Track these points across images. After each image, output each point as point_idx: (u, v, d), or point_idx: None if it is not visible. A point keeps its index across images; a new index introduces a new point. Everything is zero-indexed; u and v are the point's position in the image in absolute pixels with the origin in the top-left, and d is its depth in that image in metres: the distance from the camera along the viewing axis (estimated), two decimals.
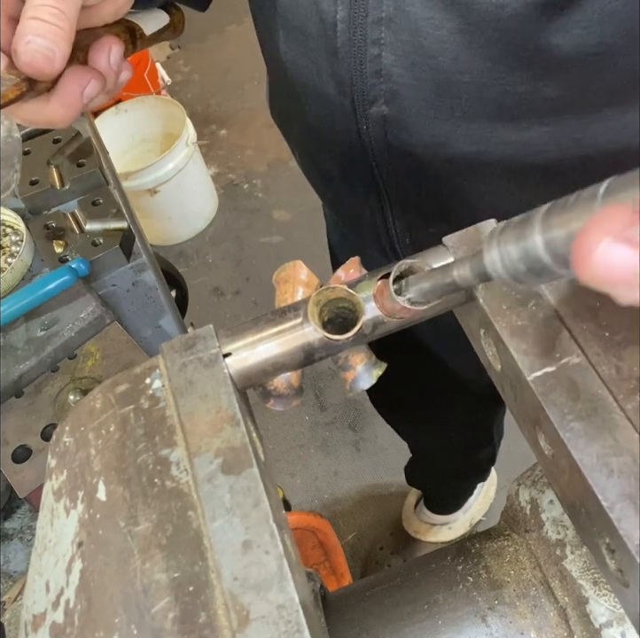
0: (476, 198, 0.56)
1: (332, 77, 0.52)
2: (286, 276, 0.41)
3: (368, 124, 0.53)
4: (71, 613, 0.31)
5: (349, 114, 0.53)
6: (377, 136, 0.54)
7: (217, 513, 0.30)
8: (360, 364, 0.39)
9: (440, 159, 0.53)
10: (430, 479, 1.42)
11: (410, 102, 0.50)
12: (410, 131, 0.52)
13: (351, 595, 0.42)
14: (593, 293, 0.35)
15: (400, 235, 0.64)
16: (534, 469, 0.42)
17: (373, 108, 0.52)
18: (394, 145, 0.54)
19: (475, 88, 0.48)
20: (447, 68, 0.47)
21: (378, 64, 0.49)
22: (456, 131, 0.51)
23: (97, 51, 0.44)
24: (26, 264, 0.82)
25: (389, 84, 0.50)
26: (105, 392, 0.36)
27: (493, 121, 0.50)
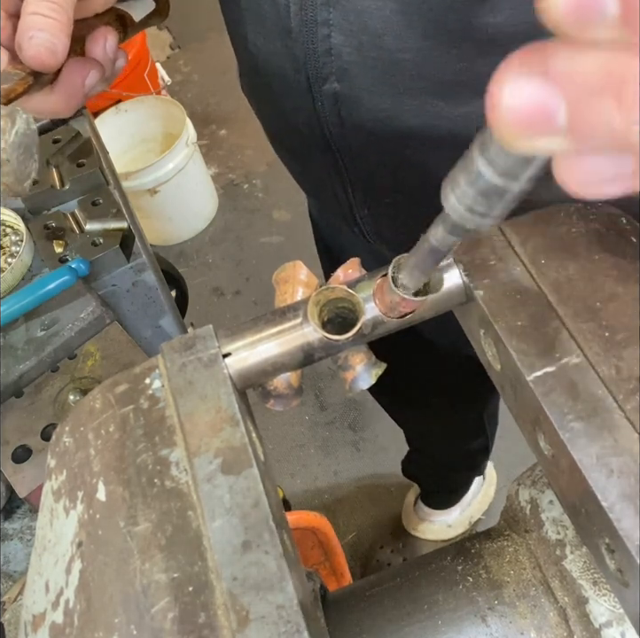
0: (425, 170, 0.58)
1: (288, 56, 0.55)
2: (286, 276, 0.41)
3: (322, 101, 0.56)
4: (70, 613, 0.31)
5: (305, 91, 0.56)
6: (331, 111, 0.57)
7: (217, 513, 0.30)
8: (359, 364, 0.39)
9: (389, 132, 0.56)
10: (424, 470, 1.42)
11: (359, 79, 0.53)
12: (361, 107, 0.55)
13: (351, 595, 0.42)
14: (593, 293, 0.35)
15: (359, 206, 0.67)
16: (533, 469, 0.41)
17: (326, 85, 0.55)
18: (347, 120, 0.57)
19: (416, 65, 0.51)
20: (390, 47, 0.50)
21: (328, 43, 0.52)
22: (402, 106, 0.54)
23: (94, 42, 0.46)
24: (26, 264, 0.82)
25: (339, 63, 0.53)
26: (105, 392, 0.36)
27: (434, 97, 0.52)
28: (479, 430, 1.23)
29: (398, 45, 0.50)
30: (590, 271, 0.35)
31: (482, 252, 0.37)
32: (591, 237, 0.37)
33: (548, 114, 0.17)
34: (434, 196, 0.68)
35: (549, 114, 0.17)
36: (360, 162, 0.61)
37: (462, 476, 1.46)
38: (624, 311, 0.33)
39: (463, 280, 0.37)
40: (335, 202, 0.69)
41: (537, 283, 0.35)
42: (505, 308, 0.34)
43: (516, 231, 0.38)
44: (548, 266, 0.36)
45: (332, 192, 0.67)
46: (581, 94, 0.17)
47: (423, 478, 1.48)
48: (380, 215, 0.67)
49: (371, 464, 1.69)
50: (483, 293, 0.35)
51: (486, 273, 0.36)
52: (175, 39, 2.81)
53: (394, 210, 0.65)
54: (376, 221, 0.67)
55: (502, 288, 0.35)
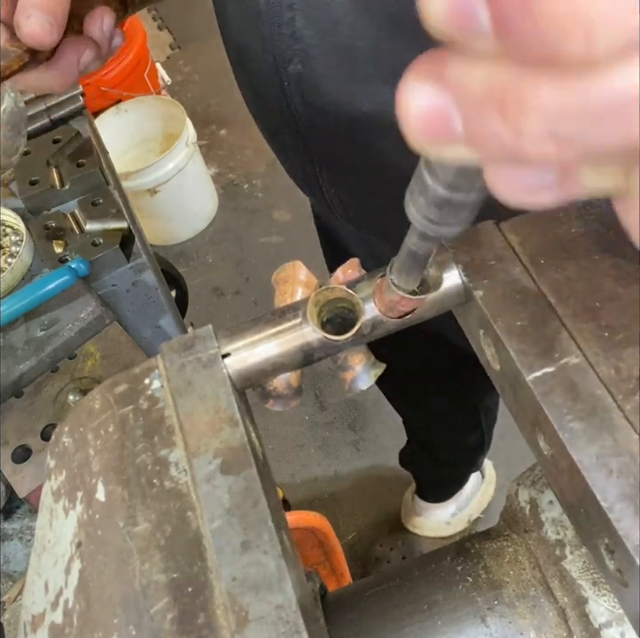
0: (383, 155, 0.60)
1: (258, 37, 0.57)
2: (286, 276, 0.41)
3: (289, 81, 0.58)
4: (70, 613, 0.31)
5: (273, 72, 0.58)
6: (296, 92, 0.58)
7: (216, 513, 0.30)
8: (359, 364, 0.39)
9: (347, 117, 0.57)
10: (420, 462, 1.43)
11: (319, 63, 0.55)
12: (322, 90, 0.57)
13: (351, 595, 0.42)
14: (592, 294, 0.35)
15: (326, 187, 0.69)
16: (533, 469, 0.41)
17: (291, 66, 0.56)
18: (310, 103, 0.58)
19: (370, 53, 0.52)
20: (347, 33, 0.52)
21: (292, 26, 0.54)
22: (357, 92, 0.55)
23: (91, 21, 0.48)
24: (26, 264, 0.82)
25: (302, 45, 0.54)
26: (105, 392, 0.36)
27: (388, 84, 0.53)
28: (474, 423, 1.23)
29: (354, 32, 0.51)
30: (590, 271, 0.35)
31: (482, 252, 0.37)
32: (591, 237, 0.37)
33: (444, 122, 0.17)
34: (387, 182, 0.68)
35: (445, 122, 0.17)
36: (324, 143, 0.63)
37: (457, 470, 1.46)
38: (624, 311, 0.33)
39: (462, 280, 0.37)
40: (308, 181, 0.70)
41: (537, 284, 0.35)
42: (505, 308, 0.34)
43: (516, 231, 0.38)
44: (548, 266, 0.36)
45: (304, 172, 0.69)
46: (470, 104, 0.17)
47: (417, 470, 1.48)
48: (345, 195, 0.68)
49: (371, 464, 1.69)
50: (483, 293, 0.35)
51: (485, 273, 0.36)
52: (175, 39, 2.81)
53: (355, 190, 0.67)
54: (341, 200, 0.69)
55: (501, 288, 0.35)
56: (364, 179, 0.64)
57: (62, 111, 0.97)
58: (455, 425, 1.24)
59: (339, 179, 0.67)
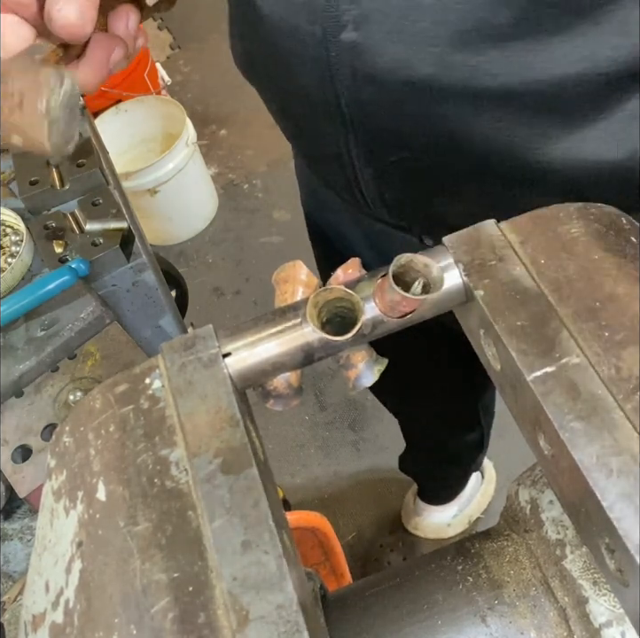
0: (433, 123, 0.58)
1: (303, 8, 0.55)
2: (286, 276, 0.41)
3: (337, 51, 0.56)
4: (70, 613, 0.31)
5: (319, 43, 0.56)
6: (344, 62, 0.56)
7: (217, 513, 0.30)
8: (361, 362, 0.39)
9: (401, 82, 0.56)
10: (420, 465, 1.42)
11: (378, 28, 0.53)
12: (376, 56, 0.55)
13: (351, 595, 0.42)
14: (593, 293, 0.35)
15: (362, 166, 0.66)
16: (533, 469, 0.41)
17: (343, 34, 0.54)
18: (361, 71, 0.57)
19: (437, 12, 0.51)
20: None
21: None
22: (418, 55, 0.54)
23: (117, 19, 0.48)
24: (26, 264, 0.82)
25: (358, 10, 0.53)
26: (105, 392, 0.36)
27: (452, 45, 0.52)
28: (473, 421, 1.23)
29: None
30: (590, 271, 0.35)
31: (482, 252, 0.37)
32: (591, 237, 0.37)
33: None
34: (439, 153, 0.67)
35: None
36: (368, 117, 0.60)
37: (458, 470, 1.46)
38: (624, 311, 0.33)
39: (463, 280, 0.37)
40: (338, 167, 0.68)
41: (537, 283, 0.35)
42: (505, 308, 0.34)
43: (516, 231, 0.38)
44: (548, 266, 0.36)
45: (337, 154, 0.66)
46: None
47: (418, 474, 1.48)
48: (384, 175, 0.66)
49: (371, 464, 1.69)
50: (483, 293, 0.35)
51: (486, 273, 0.36)
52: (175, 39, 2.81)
53: (398, 169, 0.64)
54: (379, 182, 0.67)
55: (502, 288, 0.35)
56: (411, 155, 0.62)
57: None
58: (455, 423, 1.24)
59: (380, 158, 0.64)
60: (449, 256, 0.37)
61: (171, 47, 2.80)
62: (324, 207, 0.89)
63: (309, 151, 0.75)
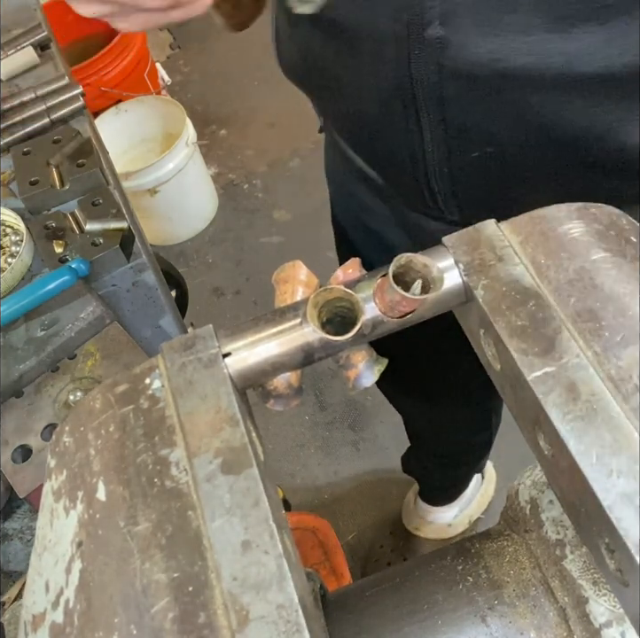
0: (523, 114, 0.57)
1: (385, 6, 0.53)
2: (286, 276, 0.41)
3: (421, 48, 0.54)
4: (70, 613, 0.31)
5: (401, 40, 0.54)
6: (428, 59, 0.55)
7: (217, 513, 0.30)
8: (361, 362, 0.39)
9: (494, 75, 0.54)
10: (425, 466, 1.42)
11: (467, 21, 0.52)
12: (465, 51, 0.53)
13: (351, 595, 0.42)
14: (593, 293, 0.35)
15: (437, 165, 0.64)
16: (533, 469, 0.41)
17: (428, 31, 0.53)
18: (446, 66, 0.55)
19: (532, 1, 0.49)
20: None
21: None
22: (513, 45, 0.52)
23: None
24: (26, 264, 0.82)
25: (445, 5, 0.51)
26: (105, 392, 0.36)
27: (550, 32, 0.51)
28: (485, 423, 1.22)
29: None
30: (590, 271, 0.35)
31: (482, 252, 0.37)
32: (591, 237, 0.37)
33: None
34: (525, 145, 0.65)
35: None
36: (451, 114, 0.59)
37: (462, 471, 1.46)
38: (624, 311, 0.33)
39: (463, 280, 0.37)
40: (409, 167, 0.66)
41: (537, 283, 0.35)
42: (505, 308, 0.34)
43: (516, 231, 0.38)
44: (548, 266, 0.36)
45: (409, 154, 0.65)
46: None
47: (422, 474, 1.47)
48: (461, 172, 0.64)
49: (371, 464, 1.69)
50: (483, 293, 0.35)
51: (486, 273, 0.36)
52: (175, 39, 2.81)
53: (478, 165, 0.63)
54: (454, 180, 0.65)
55: (502, 288, 0.35)
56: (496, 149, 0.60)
57: (62, 111, 0.97)
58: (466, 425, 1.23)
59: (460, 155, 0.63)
60: (449, 256, 0.37)
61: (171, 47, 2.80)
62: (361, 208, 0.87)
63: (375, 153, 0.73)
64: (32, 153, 0.90)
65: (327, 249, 0.96)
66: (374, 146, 0.71)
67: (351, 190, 0.87)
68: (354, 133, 0.73)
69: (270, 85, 2.46)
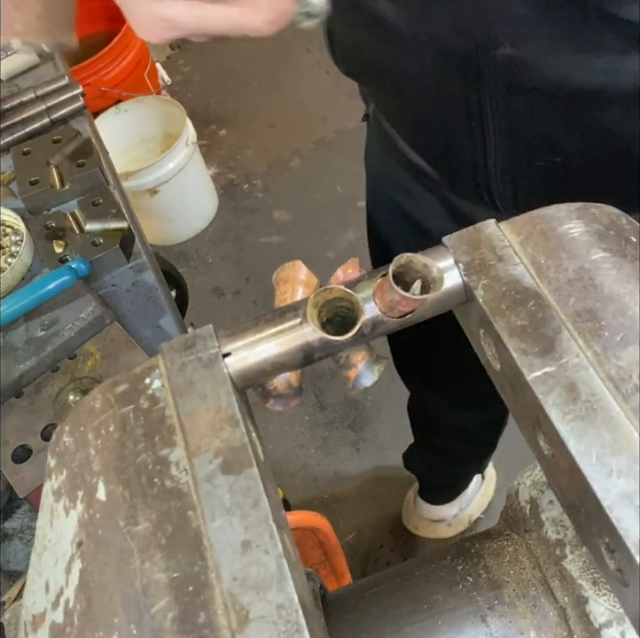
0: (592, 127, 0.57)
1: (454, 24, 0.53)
2: (286, 276, 0.42)
3: (489, 66, 0.54)
4: (70, 613, 0.31)
5: (469, 59, 0.54)
6: (497, 76, 0.55)
7: (217, 513, 0.30)
8: (361, 362, 0.39)
9: (565, 93, 0.54)
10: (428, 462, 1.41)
11: (539, 42, 0.51)
12: (536, 70, 0.53)
13: (351, 595, 0.42)
14: (593, 293, 0.35)
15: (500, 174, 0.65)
16: (533, 469, 0.42)
17: (499, 51, 0.53)
18: (517, 84, 0.55)
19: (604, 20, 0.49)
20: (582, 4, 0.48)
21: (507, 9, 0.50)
22: (584, 65, 0.52)
23: None
24: (26, 264, 0.82)
25: (516, 27, 0.51)
26: (105, 392, 0.36)
27: (621, 52, 0.51)
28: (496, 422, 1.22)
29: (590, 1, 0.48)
30: (590, 271, 0.35)
31: (482, 252, 0.37)
32: (591, 237, 0.37)
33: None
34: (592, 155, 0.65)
35: None
36: (518, 125, 0.59)
37: (463, 470, 1.45)
38: (624, 311, 0.33)
39: (463, 280, 0.37)
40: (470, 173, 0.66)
41: (537, 283, 0.35)
42: (505, 308, 0.34)
43: (516, 231, 0.38)
44: (548, 266, 0.36)
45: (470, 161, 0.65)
46: None
47: (423, 471, 1.47)
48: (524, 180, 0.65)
49: (371, 464, 1.69)
50: (483, 293, 0.35)
51: (486, 273, 0.36)
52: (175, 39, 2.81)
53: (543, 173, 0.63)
54: (517, 186, 0.65)
55: (502, 288, 0.35)
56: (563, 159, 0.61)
57: (62, 111, 0.97)
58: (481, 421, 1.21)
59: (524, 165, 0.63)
60: (449, 256, 0.37)
61: (171, 47, 2.79)
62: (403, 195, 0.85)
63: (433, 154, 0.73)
64: (32, 153, 0.90)
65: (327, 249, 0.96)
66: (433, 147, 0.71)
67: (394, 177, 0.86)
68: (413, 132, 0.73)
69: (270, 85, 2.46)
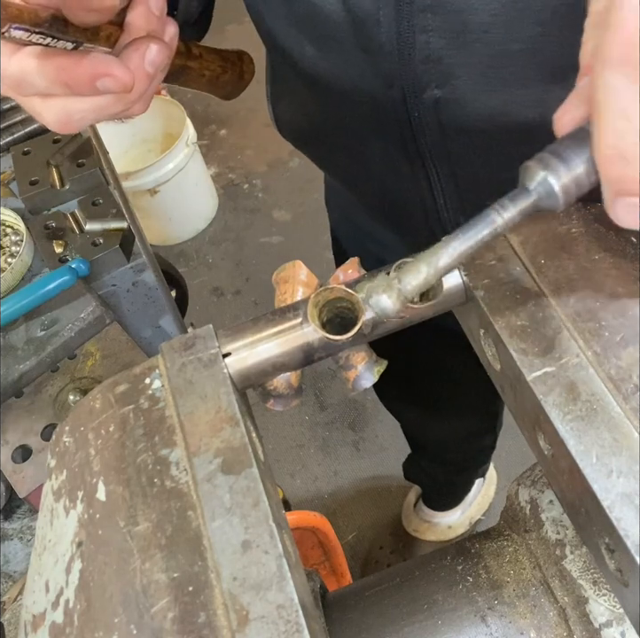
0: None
1: (377, 74, 0.53)
2: (286, 276, 0.42)
3: (419, 111, 0.54)
4: (70, 613, 0.31)
5: (399, 106, 0.54)
6: (430, 120, 0.54)
7: (217, 513, 0.30)
8: (361, 363, 0.39)
9: (497, 129, 0.54)
10: (428, 473, 1.41)
11: (463, 81, 0.51)
12: (466, 109, 0.53)
13: (351, 595, 0.42)
14: (593, 293, 0.35)
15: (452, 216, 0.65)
16: (533, 469, 0.42)
17: (426, 94, 0.52)
18: (449, 126, 0.55)
19: (528, 54, 0.49)
20: (499, 40, 0.48)
21: (427, 50, 0.50)
22: (513, 99, 0.52)
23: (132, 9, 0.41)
24: (26, 264, 0.82)
25: (440, 67, 0.51)
26: (105, 392, 0.36)
27: (548, 84, 0.50)
28: (489, 427, 1.22)
29: (508, 36, 0.48)
30: (590, 271, 0.35)
31: (482, 252, 0.37)
32: (591, 237, 0.37)
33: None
34: None
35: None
36: (460, 167, 0.59)
37: (465, 476, 1.45)
38: (624, 311, 0.33)
39: (463, 280, 0.37)
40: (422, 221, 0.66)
41: (537, 283, 0.35)
42: (505, 308, 0.35)
43: (516, 231, 0.38)
44: (548, 266, 0.36)
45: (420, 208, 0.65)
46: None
47: (426, 481, 1.47)
48: None
49: (371, 464, 1.69)
50: (483, 293, 0.35)
51: (486, 273, 0.36)
52: None
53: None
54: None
55: (502, 288, 0.35)
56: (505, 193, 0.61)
57: None
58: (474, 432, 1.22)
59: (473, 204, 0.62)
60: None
61: None
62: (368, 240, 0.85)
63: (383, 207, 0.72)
64: (32, 153, 0.90)
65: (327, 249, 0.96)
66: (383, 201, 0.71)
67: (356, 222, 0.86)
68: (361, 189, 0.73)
69: None
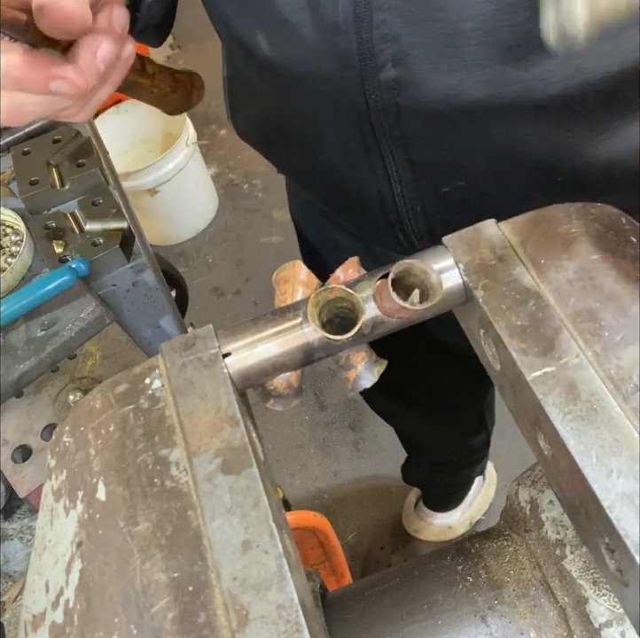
0: (489, 143, 0.57)
1: (334, 56, 0.53)
2: (286, 276, 0.42)
3: (377, 92, 0.54)
4: (70, 613, 0.31)
5: (356, 86, 0.54)
6: (387, 101, 0.54)
7: (217, 513, 0.30)
8: (361, 363, 0.39)
9: (454, 110, 0.54)
10: (426, 475, 1.42)
11: (420, 60, 0.51)
12: (422, 89, 0.53)
13: (351, 595, 0.42)
14: (593, 293, 0.35)
15: (409, 205, 0.64)
16: (533, 469, 0.42)
17: (382, 74, 0.52)
18: (405, 107, 0.54)
19: (483, 33, 0.49)
20: (454, 18, 0.48)
21: (384, 29, 0.50)
22: (469, 79, 0.52)
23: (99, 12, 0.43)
24: (26, 264, 0.82)
25: (396, 47, 0.51)
26: (105, 392, 0.36)
27: (503, 63, 0.50)
28: (480, 424, 1.22)
29: (463, 14, 0.48)
30: (590, 271, 0.35)
31: (482, 252, 0.37)
32: (591, 237, 0.37)
33: None
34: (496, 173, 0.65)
35: None
36: (415, 152, 0.59)
37: (464, 475, 1.45)
38: (624, 311, 0.33)
39: (463, 280, 0.37)
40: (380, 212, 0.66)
41: (537, 284, 0.35)
42: (505, 308, 0.35)
43: (516, 231, 0.38)
44: (548, 266, 0.36)
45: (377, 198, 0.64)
46: None
47: (425, 483, 1.47)
48: (436, 209, 0.64)
49: (371, 464, 1.69)
50: (483, 293, 0.35)
51: (486, 273, 0.36)
52: (175, 39, 2.81)
53: (452, 199, 0.63)
54: (429, 217, 0.65)
55: (502, 288, 0.35)
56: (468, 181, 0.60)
57: None
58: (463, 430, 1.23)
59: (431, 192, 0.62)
60: (449, 256, 0.37)
61: (171, 47, 2.79)
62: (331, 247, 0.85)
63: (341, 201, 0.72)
64: (32, 153, 0.90)
65: None
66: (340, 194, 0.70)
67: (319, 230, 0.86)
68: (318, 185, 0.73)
69: None
